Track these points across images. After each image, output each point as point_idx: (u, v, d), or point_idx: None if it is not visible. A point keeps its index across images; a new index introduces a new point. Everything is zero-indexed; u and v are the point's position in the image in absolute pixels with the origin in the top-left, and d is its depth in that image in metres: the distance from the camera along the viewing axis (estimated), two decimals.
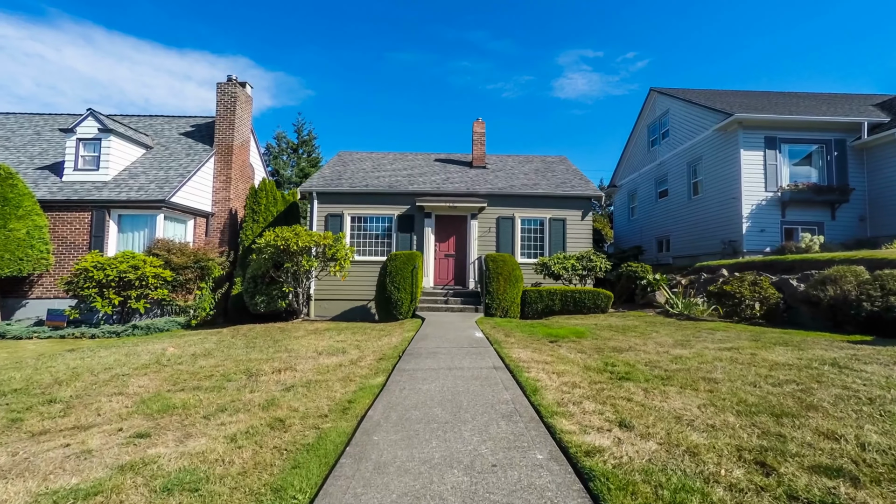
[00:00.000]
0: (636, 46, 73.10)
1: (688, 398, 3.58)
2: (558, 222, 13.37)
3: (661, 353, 5.65)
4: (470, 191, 13.33)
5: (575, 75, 71.84)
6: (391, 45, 68.38)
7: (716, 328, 7.76)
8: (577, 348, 6.15)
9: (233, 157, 14.77)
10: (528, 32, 73.97)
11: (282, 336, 8.17)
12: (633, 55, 72.76)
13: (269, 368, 5.28)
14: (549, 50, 73.02)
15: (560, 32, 71.51)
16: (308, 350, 6.43)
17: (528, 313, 11.42)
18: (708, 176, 14.83)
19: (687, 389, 3.84)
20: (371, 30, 65.86)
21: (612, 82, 73.37)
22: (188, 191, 13.55)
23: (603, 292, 11.52)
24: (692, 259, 15.45)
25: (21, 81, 55.98)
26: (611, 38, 72.74)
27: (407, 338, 7.18)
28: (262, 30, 63.17)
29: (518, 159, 16.54)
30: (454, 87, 71.48)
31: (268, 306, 11.84)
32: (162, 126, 15.80)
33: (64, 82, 62.62)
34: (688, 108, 16.07)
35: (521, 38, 74.63)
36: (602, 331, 8.03)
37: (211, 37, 61.06)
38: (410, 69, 71.29)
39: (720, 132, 14.13)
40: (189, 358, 6.19)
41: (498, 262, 11.26)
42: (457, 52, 73.69)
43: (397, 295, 10.78)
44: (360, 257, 13.24)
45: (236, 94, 14.80)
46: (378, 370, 4.81)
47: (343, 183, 13.51)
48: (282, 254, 11.35)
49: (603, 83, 73.10)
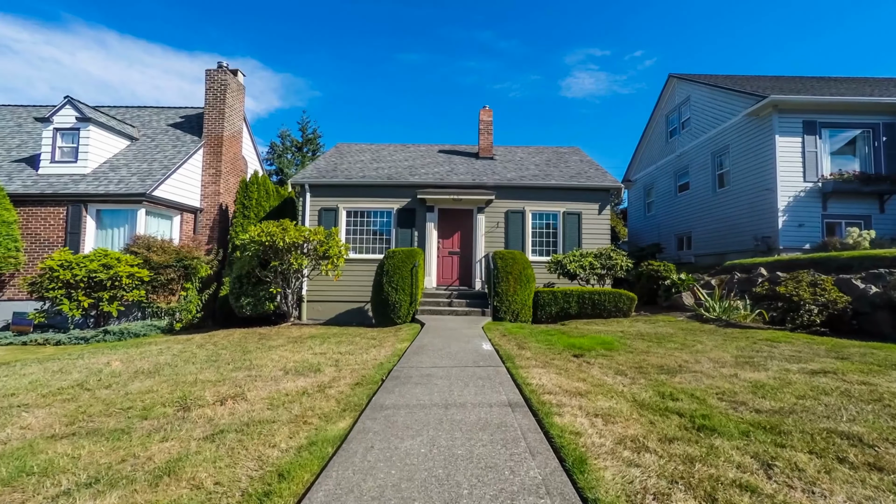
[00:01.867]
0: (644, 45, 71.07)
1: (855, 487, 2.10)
2: (573, 216, 11.88)
3: (727, 376, 4.17)
4: (476, 182, 11.90)
5: (582, 74, 70.03)
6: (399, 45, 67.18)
7: (774, 339, 6.24)
8: (612, 367, 4.69)
9: (223, 148, 13.50)
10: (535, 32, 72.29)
11: (256, 346, 6.82)
12: (641, 54, 70.75)
13: (213, 396, 3.91)
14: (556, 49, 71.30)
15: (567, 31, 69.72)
16: (275, 367, 5.06)
17: (541, 317, 9.97)
18: (737, 166, 13.22)
19: (831, 460, 2.36)
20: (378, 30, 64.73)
21: (619, 81, 71.45)
22: (174, 184, 12.30)
23: (625, 294, 10.02)
24: (718, 257, 13.85)
25: (36, 85, 55.70)
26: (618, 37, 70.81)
27: (399, 350, 5.78)
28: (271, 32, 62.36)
29: (528, 150, 15.07)
30: (462, 87, 70.07)
31: (254, 309, 10.53)
32: (150, 117, 14.59)
33: (78, 85, 62.39)
34: (712, 93, 14.46)
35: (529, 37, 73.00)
36: (633, 340, 6.56)
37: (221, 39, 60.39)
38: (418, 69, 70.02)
39: (751, 118, 12.52)
40: (127, 377, 4.86)
41: (507, 260, 9.83)
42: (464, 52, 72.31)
43: (395, 296, 9.40)
44: (356, 255, 11.87)
45: (226, 82, 13.53)
46: (347, 405, 3.41)
47: (338, 174, 12.16)
48: (268, 251, 10.03)
49: (610, 82, 71.20)
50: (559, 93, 72.08)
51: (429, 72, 72.12)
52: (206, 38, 67.01)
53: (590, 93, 71.15)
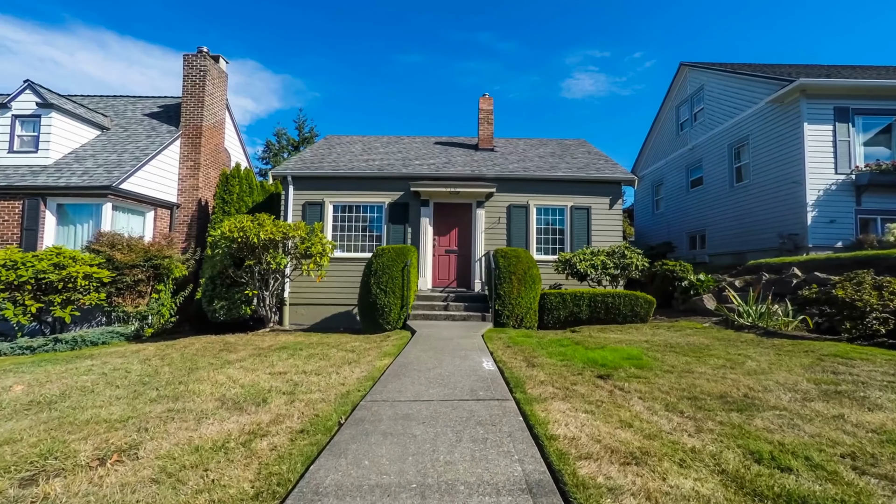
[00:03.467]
0: (643, 47, 69.90)
1: None
2: (581, 211, 10.60)
3: (828, 418, 2.88)
4: (475, 174, 10.61)
5: (582, 76, 68.84)
6: (398, 46, 66.02)
7: (842, 354, 4.94)
8: (656, 397, 3.41)
9: (202, 139, 12.22)
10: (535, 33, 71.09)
11: (211, 360, 5.53)
12: (641, 55, 69.57)
13: (93, 450, 2.62)
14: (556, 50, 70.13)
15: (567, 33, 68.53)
16: (212, 395, 3.77)
17: (548, 322, 8.68)
18: (758, 158, 11.94)
19: None
20: (378, 32, 63.56)
21: (619, 83, 70.23)
22: (147, 177, 11.03)
23: (642, 296, 8.73)
24: (736, 257, 12.56)
25: None
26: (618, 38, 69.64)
27: (377, 370, 4.49)
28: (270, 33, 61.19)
29: (530, 142, 13.79)
30: (461, 89, 68.89)
31: (229, 313, 9.25)
32: (125, 106, 13.31)
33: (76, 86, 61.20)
34: (728, 81, 13.19)
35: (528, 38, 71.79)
36: (664, 353, 5.27)
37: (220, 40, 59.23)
38: (417, 70, 68.83)
39: (775, 105, 11.25)
40: (5, 414, 3.57)
41: (510, 259, 8.55)
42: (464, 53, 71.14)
43: (384, 299, 8.13)
44: (343, 254, 10.59)
45: (206, 68, 12.27)
46: (267, 484, 2.11)
47: (325, 166, 10.88)
48: (242, 248, 8.75)
49: (610, 83, 69.98)
50: (559, 94, 70.91)
51: (428, 73, 70.95)
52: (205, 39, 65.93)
53: (589, 94, 69.96)
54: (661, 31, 71.02)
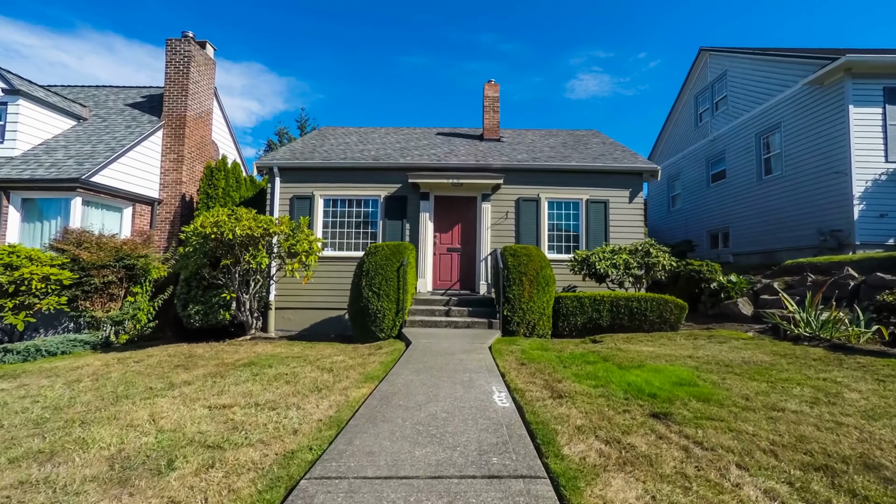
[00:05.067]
0: (647, 47, 68.20)
1: None
2: (598, 205, 9.32)
3: None
4: (480, 164, 9.38)
5: (586, 76, 67.28)
6: (402, 48, 64.90)
7: None
8: (765, 465, 2.14)
9: (186, 130, 11.10)
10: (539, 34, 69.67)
11: (151, 384, 4.33)
12: (645, 55, 67.88)
13: None
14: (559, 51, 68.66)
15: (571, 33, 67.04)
16: (106, 451, 2.57)
17: (563, 329, 7.43)
18: (792, 147, 10.59)
19: None
20: (381, 34, 62.46)
21: (623, 83, 68.55)
22: (124, 170, 9.92)
23: (672, 301, 7.46)
24: (766, 256, 11.21)
25: None
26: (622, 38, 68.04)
27: (350, 405, 3.26)
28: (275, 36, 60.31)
29: (539, 133, 12.53)
30: (465, 89, 67.59)
31: (205, 319, 8.08)
32: (107, 96, 12.23)
33: None
34: (756, 65, 11.85)
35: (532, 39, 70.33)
36: (722, 376, 3.99)
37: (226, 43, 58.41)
38: (421, 72, 67.62)
39: (813, 87, 9.90)
40: None
41: (520, 258, 7.31)
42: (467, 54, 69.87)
43: (377, 304, 6.92)
44: (335, 252, 9.39)
45: (190, 54, 11.15)
46: None
47: (315, 156, 9.69)
48: (219, 246, 7.58)
49: (614, 84, 68.33)
50: (563, 95, 69.39)
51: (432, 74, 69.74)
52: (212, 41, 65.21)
53: (594, 94, 68.37)
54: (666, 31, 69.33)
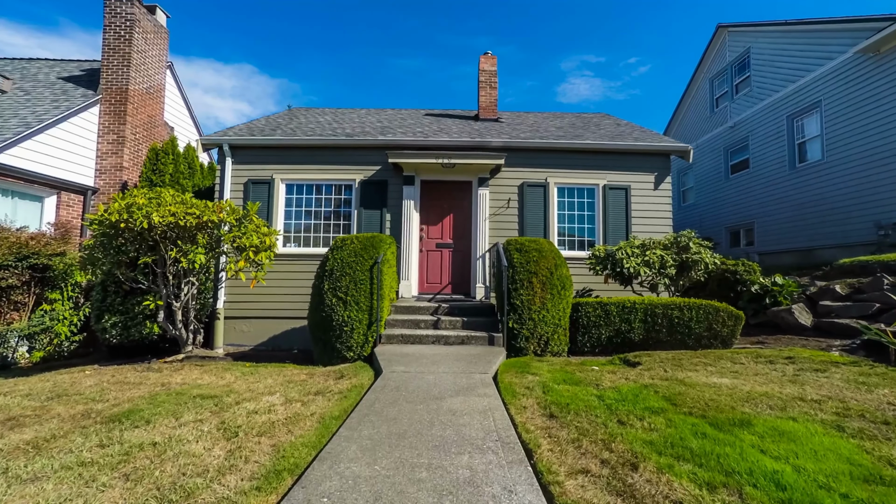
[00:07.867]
0: (638, 52, 67.51)
1: None
2: (618, 192, 7.59)
3: None
4: (476, 142, 7.60)
5: (577, 80, 66.38)
6: (395, 51, 63.42)
7: None
8: None
9: (128, 106, 9.17)
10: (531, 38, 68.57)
11: None
12: (635, 60, 67.14)
13: None
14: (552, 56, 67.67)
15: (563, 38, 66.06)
16: None
17: (585, 345, 5.64)
18: (836, 128, 8.98)
19: None
20: (374, 37, 60.93)
21: (614, 87, 67.76)
22: (46, 150, 7.98)
23: (725, 309, 5.72)
24: (802, 255, 9.56)
25: None
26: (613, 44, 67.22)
27: None
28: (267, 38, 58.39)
29: (542, 115, 10.81)
30: (458, 93, 66.21)
31: (125, 333, 6.20)
32: (39, 69, 10.25)
33: None
34: (787, 38, 10.26)
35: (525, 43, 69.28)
36: (892, 448, 2.21)
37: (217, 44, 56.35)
38: (414, 74, 66.20)
39: (866, 55, 8.31)
40: None
41: (529, 254, 5.52)
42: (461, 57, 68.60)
43: (342, 314, 5.09)
44: (299, 248, 7.52)
45: (133, 17, 9.24)
46: None
47: (277, 133, 7.83)
48: (134, 239, 5.68)
49: (605, 88, 67.52)
50: (555, 98, 68.36)
51: (425, 76, 68.28)
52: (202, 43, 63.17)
53: (585, 98, 67.44)
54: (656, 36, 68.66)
